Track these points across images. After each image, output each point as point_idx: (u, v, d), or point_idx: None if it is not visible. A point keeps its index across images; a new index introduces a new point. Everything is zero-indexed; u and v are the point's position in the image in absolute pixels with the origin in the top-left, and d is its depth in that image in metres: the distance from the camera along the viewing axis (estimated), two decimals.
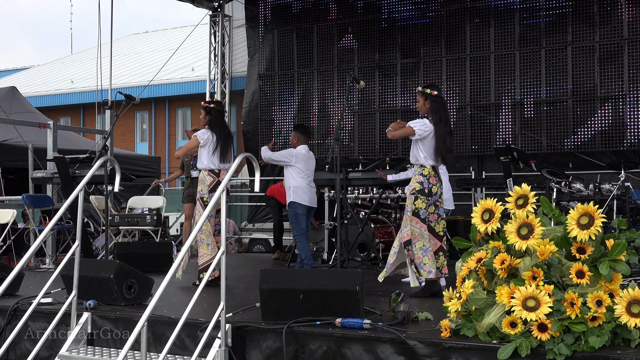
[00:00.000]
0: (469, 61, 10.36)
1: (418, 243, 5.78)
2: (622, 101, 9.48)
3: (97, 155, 7.44)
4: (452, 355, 3.87)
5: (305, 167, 7.52)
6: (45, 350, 4.97)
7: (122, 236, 10.31)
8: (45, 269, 8.38)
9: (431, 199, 5.79)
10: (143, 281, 5.43)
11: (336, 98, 11.13)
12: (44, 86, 28.48)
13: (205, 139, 6.64)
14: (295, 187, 7.49)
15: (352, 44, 11.12)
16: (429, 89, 5.88)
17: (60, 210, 5.07)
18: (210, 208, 4.58)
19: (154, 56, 27.44)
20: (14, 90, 12.99)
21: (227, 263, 4.34)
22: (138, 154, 17.70)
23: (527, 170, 9.06)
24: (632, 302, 3.64)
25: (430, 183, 5.80)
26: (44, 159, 9.67)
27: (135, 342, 3.85)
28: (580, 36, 9.71)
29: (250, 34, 12.04)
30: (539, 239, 3.85)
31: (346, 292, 4.40)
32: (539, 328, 3.67)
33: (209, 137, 6.64)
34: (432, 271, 5.73)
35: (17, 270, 4.68)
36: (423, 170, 5.81)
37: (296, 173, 7.49)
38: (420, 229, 5.77)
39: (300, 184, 7.47)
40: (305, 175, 7.52)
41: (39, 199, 9.49)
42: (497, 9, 10.18)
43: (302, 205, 7.48)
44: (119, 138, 26.53)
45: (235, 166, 4.84)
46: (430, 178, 5.80)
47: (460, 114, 10.38)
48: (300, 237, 7.54)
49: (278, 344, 4.30)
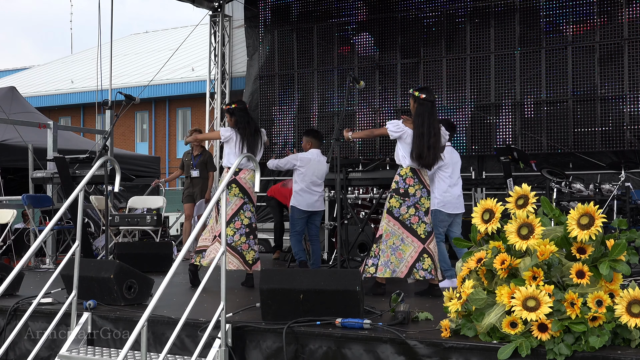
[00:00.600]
0: (469, 61, 10.35)
1: (389, 241, 5.83)
2: (622, 101, 9.48)
3: (97, 155, 7.44)
4: (452, 356, 3.87)
5: (310, 172, 7.49)
6: (45, 350, 4.97)
7: (122, 236, 10.30)
8: (45, 269, 8.38)
9: (408, 200, 5.82)
10: (143, 281, 5.43)
11: (336, 98, 11.13)
12: (44, 86, 28.49)
13: (226, 136, 6.66)
14: (296, 191, 7.50)
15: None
16: (418, 92, 5.94)
17: (60, 210, 5.06)
18: (210, 208, 4.59)
19: (154, 56, 27.45)
20: (14, 90, 12.99)
21: None
22: (138, 154, 17.69)
23: (527, 171, 9.06)
24: (633, 302, 3.64)
25: (407, 184, 5.84)
26: (44, 159, 9.67)
27: (135, 342, 3.85)
28: (580, 36, 9.71)
29: (250, 34, 12.03)
30: (539, 239, 3.85)
31: (346, 292, 4.39)
32: (539, 328, 3.67)
33: (231, 136, 6.65)
34: (395, 270, 5.77)
35: (17, 270, 4.68)
36: (400, 170, 5.91)
37: (298, 176, 7.49)
38: (392, 227, 5.82)
39: (301, 187, 7.47)
40: (309, 179, 7.48)
41: (39, 199, 9.49)
42: (497, 9, 10.18)
43: (299, 209, 7.49)
44: (119, 138, 26.53)
45: (235, 166, 4.86)
46: (407, 179, 5.85)
47: (460, 114, 10.38)
48: (293, 237, 7.59)
49: (278, 344, 4.30)
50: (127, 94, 7.37)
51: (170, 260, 7.67)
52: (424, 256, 5.80)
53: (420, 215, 5.84)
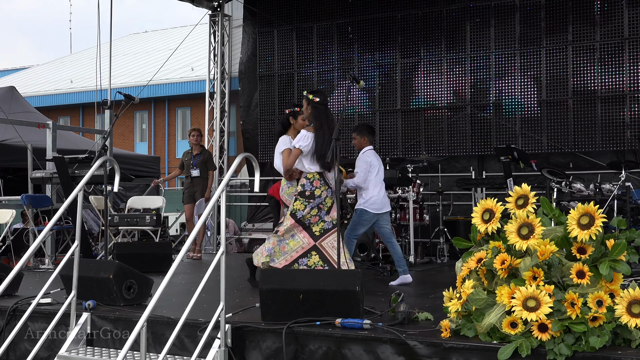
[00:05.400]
0: (469, 61, 10.35)
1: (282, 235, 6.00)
2: (622, 101, 9.47)
3: (96, 155, 7.42)
4: (452, 356, 3.87)
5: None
6: (45, 351, 4.97)
7: (122, 236, 10.29)
8: (44, 269, 8.37)
9: (313, 201, 5.97)
10: (142, 281, 5.42)
11: (336, 98, 11.12)
12: (43, 86, 28.48)
13: None
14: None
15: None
16: (312, 95, 6.09)
17: (59, 211, 5.06)
18: (210, 207, 4.58)
19: (154, 56, 27.45)
20: (13, 90, 12.98)
21: (227, 263, 4.33)
22: (137, 154, 17.69)
23: (527, 170, 9.06)
24: (633, 302, 3.63)
25: (314, 186, 5.99)
26: (43, 159, 9.66)
27: (135, 343, 3.84)
28: (580, 36, 9.70)
29: (249, 33, 12.02)
30: (539, 239, 3.85)
31: (346, 292, 4.39)
32: (539, 328, 3.67)
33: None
34: (274, 260, 5.93)
35: (17, 270, 4.68)
36: (307, 174, 6.03)
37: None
38: (291, 227, 5.97)
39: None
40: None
41: (38, 199, 9.48)
42: (497, 9, 10.17)
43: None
44: (119, 138, 26.53)
45: (234, 166, 4.84)
46: (314, 181, 6.01)
47: (460, 114, 10.37)
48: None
49: (278, 344, 4.30)
50: (126, 93, 7.36)
51: (169, 260, 7.66)
52: (312, 253, 5.95)
53: (321, 215, 6.01)
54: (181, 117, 27.02)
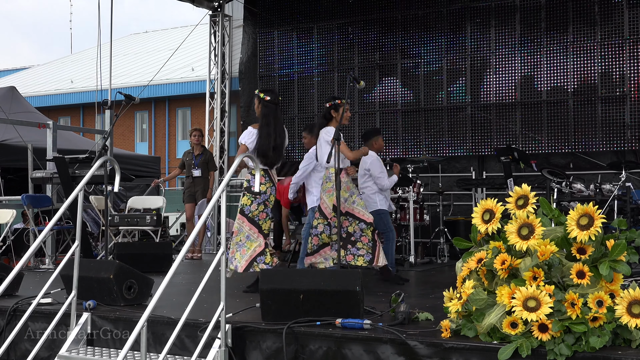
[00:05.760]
0: (469, 61, 10.35)
1: (236, 237, 6.10)
2: (622, 101, 9.47)
3: (96, 155, 7.42)
4: (452, 356, 3.87)
5: None
6: (45, 351, 4.97)
7: (122, 236, 10.30)
8: (44, 269, 8.37)
9: (259, 197, 6.09)
10: (143, 281, 5.42)
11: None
12: (44, 86, 28.50)
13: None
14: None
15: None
16: (263, 94, 6.23)
17: (59, 211, 5.06)
18: (211, 207, 4.58)
19: (154, 56, 27.47)
20: (14, 90, 12.98)
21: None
22: (138, 154, 17.70)
23: (527, 171, 9.06)
24: (633, 302, 3.63)
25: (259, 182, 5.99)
26: (43, 159, 9.66)
27: (135, 343, 3.84)
28: (580, 36, 9.70)
29: (249, 33, 12.02)
30: (539, 239, 3.85)
31: (346, 292, 4.39)
32: (539, 328, 3.67)
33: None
34: (238, 265, 6.02)
35: (17, 270, 4.67)
36: (252, 170, 6.08)
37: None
38: (241, 225, 6.09)
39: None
40: None
41: (38, 199, 9.48)
42: (497, 9, 10.17)
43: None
44: (119, 138, 26.54)
45: (235, 166, 4.84)
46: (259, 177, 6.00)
47: (460, 114, 10.37)
48: None
49: (278, 344, 4.30)
50: (126, 93, 7.36)
51: (170, 260, 7.66)
52: (265, 251, 6.05)
53: (268, 212, 6.14)
54: (181, 117, 27.04)
